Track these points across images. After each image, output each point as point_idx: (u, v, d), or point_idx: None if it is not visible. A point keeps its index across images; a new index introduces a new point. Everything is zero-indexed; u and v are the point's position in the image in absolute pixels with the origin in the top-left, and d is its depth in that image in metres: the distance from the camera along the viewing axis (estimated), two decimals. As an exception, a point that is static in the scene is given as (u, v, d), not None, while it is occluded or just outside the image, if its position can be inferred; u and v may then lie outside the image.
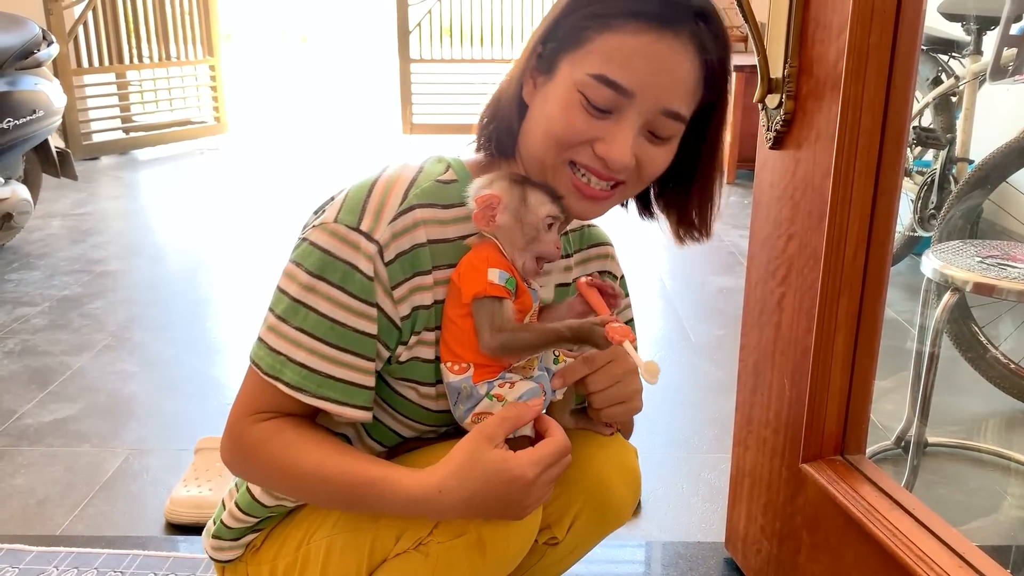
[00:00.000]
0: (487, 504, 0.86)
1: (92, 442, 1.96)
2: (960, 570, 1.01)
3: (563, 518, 1.05)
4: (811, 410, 1.25)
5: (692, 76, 0.89)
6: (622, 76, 0.86)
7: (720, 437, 2.00)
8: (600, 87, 0.87)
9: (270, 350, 0.91)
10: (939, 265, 1.65)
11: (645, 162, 0.92)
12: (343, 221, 0.90)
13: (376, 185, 0.93)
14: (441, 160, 0.98)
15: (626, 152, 0.89)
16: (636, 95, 0.87)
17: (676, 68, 0.87)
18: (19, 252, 3.36)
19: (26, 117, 3.09)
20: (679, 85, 0.88)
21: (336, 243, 0.89)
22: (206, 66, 5.60)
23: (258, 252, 3.43)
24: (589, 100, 0.87)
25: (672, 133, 0.91)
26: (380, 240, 0.89)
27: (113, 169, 4.91)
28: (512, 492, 0.85)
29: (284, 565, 1.02)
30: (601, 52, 0.87)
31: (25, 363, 2.37)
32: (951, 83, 2.85)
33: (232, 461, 0.96)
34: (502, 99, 0.97)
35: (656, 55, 0.86)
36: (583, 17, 0.88)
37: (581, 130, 0.89)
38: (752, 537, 1.48)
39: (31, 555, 1.54)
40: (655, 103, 0.88)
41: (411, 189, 0.93)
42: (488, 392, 0.91)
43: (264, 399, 0.93)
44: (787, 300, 1.30)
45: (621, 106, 0.88)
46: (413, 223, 0.91)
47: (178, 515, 1.64)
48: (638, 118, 0.88)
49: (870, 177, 1.15)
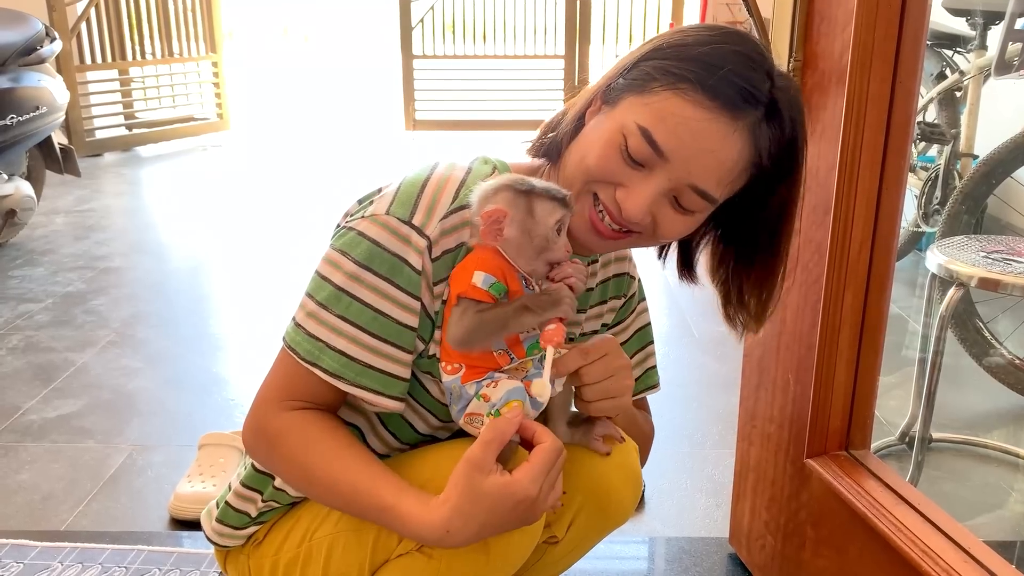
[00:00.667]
0: (500, 528, 0.87)
1: (96, 438, 1.96)
2: (965, 565, 1.01)
3: (563, 517, 1.05)
4: (816, 405, 1.25)
5: (736, 164, 0.88)
6: (663, 138, 0.86)
7: (724, 433, 2.00)
8: (641, 140, 0.86)
9: (308, 335, 0.91)
10: (944, 260, 1.65)
11: (662, 224, 0.91)
12: (395, 214, 0.90)
13: (429, 182, 0.93)
14: (487, 162, 0.99)
15: (641, 208, 0.88)
16: (670, 161, 0.86)
17: (720, 151, 0.86)
18: (23, 248, 3.36)
19: (29, 113, 3.09)
20: (718, 168, 0.87)
21: (387, 235, 0.90)
22: (209, 63, 5.60)
23: (261, 249, 3.44)
24: (628, 147, 0.87)
25: (696, 208, 0.90)
26: (431, 236, 0.90)
27: (116, 166, 4.91)
28: (521, 512, 0.86)
29: (286, 560, 1.02)
30: (656, 108, 0.86)
31: (29, 359, 2.37)
32: (955, 78, 2.84)
33: (253, 443, 0.97)
34: (569, 112, 0.98)
35: (703, 132, 0.85)
36: (657, 68, 0.88)
37: (611, 171, 0.89)
38: (756, 532, 1.48)
39: (35, 550, 1.54)
40: (686, 175, 0.87)
41: (461, 189, 0.93)
42: (476, 392, 0.91)
43: (296, 385, 0.93)
44: (792, 295, 1.30)
45: (654, 165, 0.87)
46: (461, 222, 0.91)
47: (182, 511, 1.64)
48: (666, 182, 0.88)
49: (875, 171, 1.15)
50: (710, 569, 1.54)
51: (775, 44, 1.26)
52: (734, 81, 0.85)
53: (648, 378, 1.17)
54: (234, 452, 1.75)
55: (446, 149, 1.21)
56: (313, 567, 1.00)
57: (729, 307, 1.02)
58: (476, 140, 5.49)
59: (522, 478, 0.85)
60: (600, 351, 0.96)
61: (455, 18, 5.71)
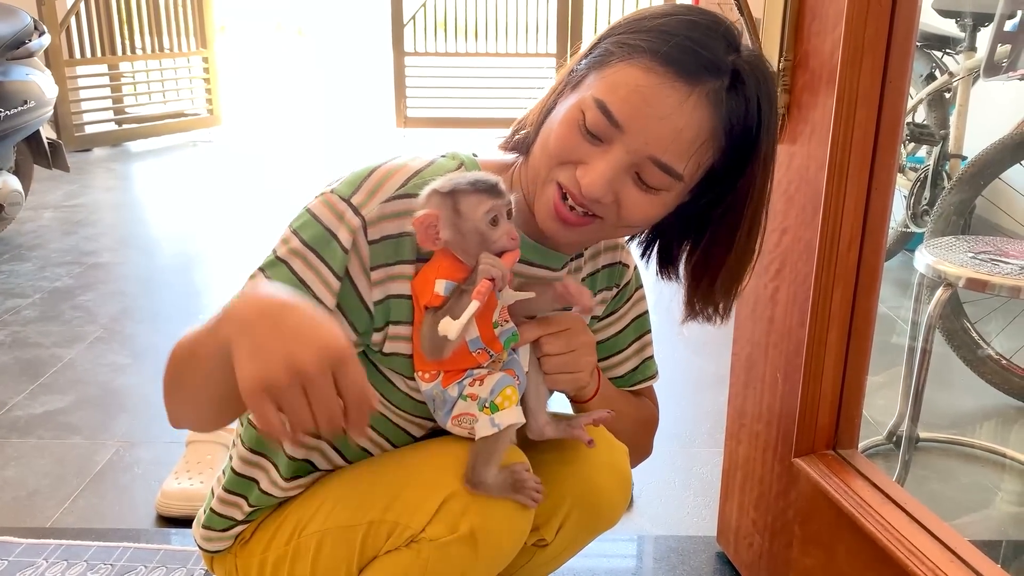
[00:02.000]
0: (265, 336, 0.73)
1: (83, 434, 1.95)
2: (951, 564, 1.02)
3: (552, 520, 1.05)
4: (804, 404, 1.25)
5: (696, 135, 0.84)
6: (617, 108, 0.84)
7: (712, 432, 2.00)
8: (597, 112, 0.84)
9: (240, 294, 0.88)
10: (932, 260, 1.65)
11: (626, 205, 0.88)
12: (337, 192, 0.91)
13: (381, 167, 0.94)
14: (455, 158, 0.98)
15: (599, 183, 0.85)
16: (626, 132, 0.84)
17: (674, 118, 0.83)
18: (10, 243, 3.34)
19: (17, 108, 3.07)
20: (675, 137, 0.84)
21: (324, 209, 0.91)
22: (200, 58, 5.57)
23: (250, 244, 3.42)
24: (585, 121, 0.86)
25: (660, 185, 0.87)
26: (367, 216, 0.90)
27: (105, 161, 4.88)
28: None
29: (274, 558, 1.02)
30: (611, 80, 0.85)
31: (16, 355, 2.36)
32: (945, 79, 2.85)
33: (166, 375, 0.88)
34: (540, 106, 0.96)
35: (656, 98, 0.83)
36: (615, 42, 0.87)
37: (571, 148, 0.87)
38: (744, 531, 1.48)
39: (20, 547, 1.53)
40: (644, 146, 0.84)
41: (413, 178, 0.93)
42: (461, 393, 0.90)
43: None
44: (781, 294, 1.30)
45: (612, 138, 0.85)
46: (405, 209, 0.91)
47: (169, 507, 1.63)
48: (626, 156, 0.85)
49: (865, 171, 1.15)
50: (698, 567, 1.54)
51: (766, 44, 1.26)
52: (688, 47, 0.83)
53: (646, 368, 1.15)
54: (222, 449, 1.74)
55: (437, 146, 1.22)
56: (301, 564, 0.99)
57: (695, 297, 1.00)
58: (467, 138, 5.48)
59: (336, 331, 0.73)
60: (562, 324, 0.96)
61: (447, 16, 5.70)
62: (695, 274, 0.99)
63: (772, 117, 0.89)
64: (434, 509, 0.90)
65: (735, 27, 0.88)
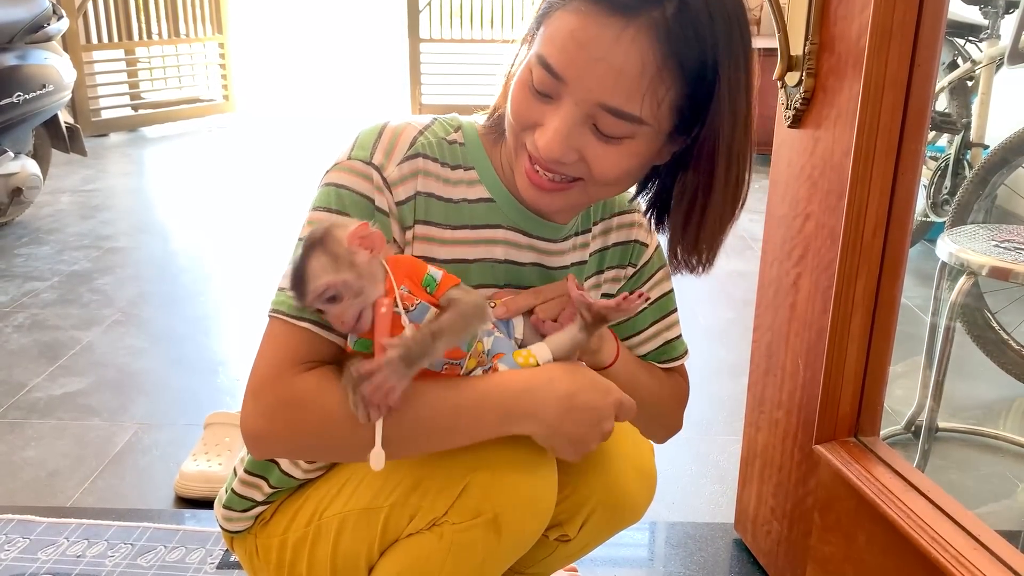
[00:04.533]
0: (580, 410, 0.86)
1: (101, 416, 1.96)
2: (975, 552, 1.01)
3: (575, 517, 1.04)
4: (826, 391, 1.24)
5: (642, 71, 0.77)
6: (556, 60, 0.79)
7: (729, 420, 1.99)
8: (540, 69, 0.80)
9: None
10: (955, 249, 1.64)
11: (593, 160, 0.83)
12: (356, 156, 0.90)
13: (386, 127, 0.93)
14: (453, 121, 0.97)
15: (555, 142, 0.81)
16: (568, 83, 0.79)
17: (615, 58, 0.77)
18: (28, 227, 3.36)
19: (36, 91, 3.08)
20: (617, 78, 0.77)
21: (352, 177, 0.90)
22: (215, 44, 5.58)
23: (265, 230, 3.43)
24: (533, 81, 0.81)
25: (621, 133, 0.81)
26: (389, 177, 0.90)
27: (122, 146, 4.90)
28: (602, 407, 0.87)
29: (295, 539, 1.01)
30: (550, 31, 0.80)
31: (35, 337, 2.37)
32: (968, 67, 2.82)
33: (271, 424, 0.86)
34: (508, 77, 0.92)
35: (590, 40, 0.77)
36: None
37: (525, 111, 0.83)
38: (762, 518, 1.48)
39: (42, 526, 1.54)
40: (588, 94, 0.79)
41: (419, 137, 0.93)
42: None
43: (298, 346, 0.87)
44: (803, 280, 1.29)
45: (559, 92, 0.80)
46: (411, 172, 0.91)
47: (188, 489, 1.64)
48: (575, 109, 0.80)
49: (891, 156, 1.14)
50: (715, 554, 1.54)
51: (791, 27, 1.25)
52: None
53: (671, 349, 1.10)
54: (239, 431, 1.74)
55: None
56: (322, 546, 0.99)
57: (678, 244, 0.94)
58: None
59: None
60: (556, 291, 0.94)
61: (462, 2, 5.68)
62: (679, 221, 0.92)
63: (734, 40, 0.80)
64: (456, 493, 0.90)
65: None
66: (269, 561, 1.05)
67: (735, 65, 0.81)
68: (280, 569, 1.04)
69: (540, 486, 0.92)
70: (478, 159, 0.95)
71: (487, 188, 0.95)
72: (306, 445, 0.90)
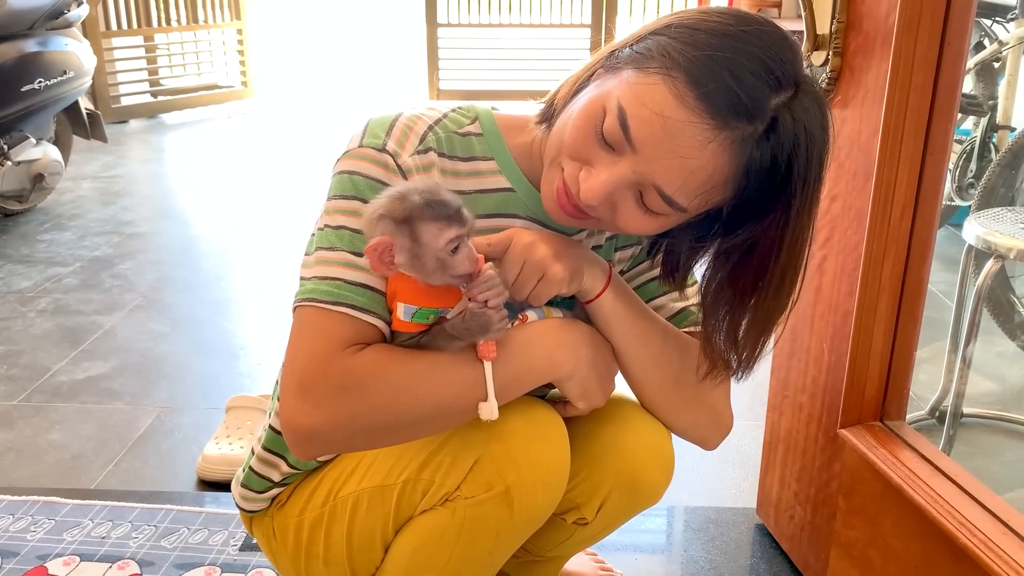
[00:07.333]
0: (603, 347, 0.94)
1: (124, 400, 1.98)
2: (1004, 537, 1.00)
3: (592, 499, 1.04)
4: (851, 375, 1.23)
5: (710, 177, 0.78)
6: (636, 127, 0.78)
7: (751, 405, 1.98)
8: (615, 121, 0.79)
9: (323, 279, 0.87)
10: (982, 232, 1.61)
11: (622, 216, 0.84)
12: (368, 144, 0.90)
13: (399, 117, 0.92)
14: (470, 111, 0.96)
15: (597, 194, 0.81)
16: (638, 153, 0.79)
17: (691, 159, 0.77)
18: (51, 213, 3.38)
19: (57, 78, 3.10)
20: (686, 176, 0.78)
21: (366, 164, 0.89)
22: (233, 30, 5.59)
23: (284, 216, 3.44)
24: (603, 124, 0.80)
25: (660, 210, 0.82)
26: (404, 166, 0.89)
27: (142, 132, 4.92)
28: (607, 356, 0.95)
29: (311, 520, 1.02)
30: (641, 90, 0.78)
31: (58, 322, 2.39)
32: (994, 48, 2.77)
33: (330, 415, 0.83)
34: (574, 80, 0.91)
35: (678, 134, 0.76)
36: (660, 47, 0.79)
37: (581, 145, 0.82)
38: (785, 503, 1.47)
39: (67, 508, 1.55)
40: (651, 173, 0.79)
41: (430, 132, 0.92)
42: None
43: (341, 331, 0.85)
44: (828, 263, 1.27)
45: (623, 151, 0.80)
46: (429, 163, 0.91)
47: (210, 472, 1.65)
48: (631, 174, 0.80)
49: (919, 136, 1.12)
50: (737, 539, 1.53)
51: (818, 5, 1.23)
52: (729, 85, 0.75)
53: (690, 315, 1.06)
54: (261, 415, 1.75)
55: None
56: (338, 526, 0.99)
57: (714, 336, 0.92)
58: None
59: None
60: (506, 237, 0.91)
61: (481, -14, 5.66)
62: (721, 300, 0.91)
63: (810, 169, 0.80)
64: (468, 468, 0.90)
65: (797, 55, 0.80)
66: (286, 543, 1.05)
67: (806, 192, 0.81)
68: (297, 550, 1.04)
69: (552, 459, 0.92)
70: (498, 150, 0.94)
71: (507, 179, 0.94)
72: (371, 427, 0.85)
